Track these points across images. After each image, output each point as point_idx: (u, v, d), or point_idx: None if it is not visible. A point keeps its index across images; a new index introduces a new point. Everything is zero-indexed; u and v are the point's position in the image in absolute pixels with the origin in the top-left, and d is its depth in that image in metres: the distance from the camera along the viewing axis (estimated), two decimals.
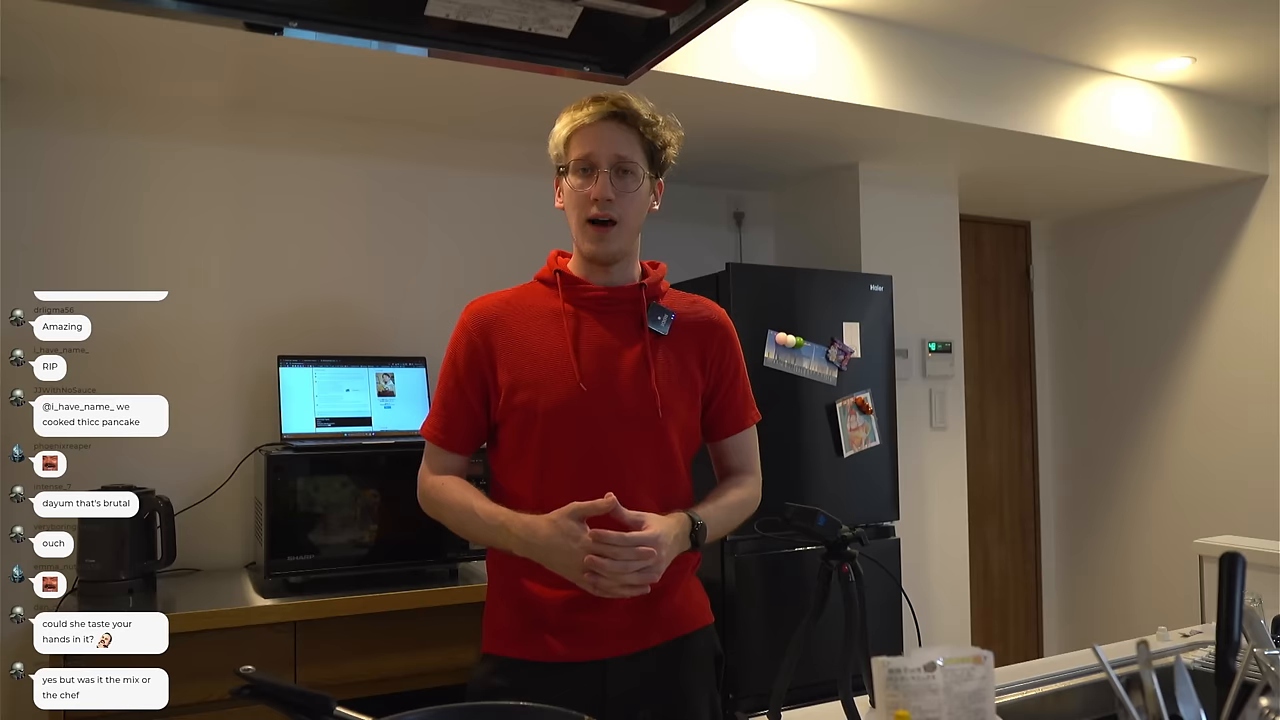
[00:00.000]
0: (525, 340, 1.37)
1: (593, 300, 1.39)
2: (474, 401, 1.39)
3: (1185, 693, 1.02)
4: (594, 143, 1.34)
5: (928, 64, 2.78)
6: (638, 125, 1.36)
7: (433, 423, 1.42)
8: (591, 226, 1.35)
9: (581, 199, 1.35)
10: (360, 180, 2.75)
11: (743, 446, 1.52)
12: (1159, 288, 4.00)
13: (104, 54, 2.21)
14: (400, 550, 2.25)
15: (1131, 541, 4.10)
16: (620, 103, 1.35)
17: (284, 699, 0.89)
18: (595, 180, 1.34)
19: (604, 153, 1.34)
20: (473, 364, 1.38)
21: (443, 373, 1.42)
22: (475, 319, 1.40)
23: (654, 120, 1.37)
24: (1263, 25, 2.76)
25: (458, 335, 1.41)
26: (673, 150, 1.41)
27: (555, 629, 1.34)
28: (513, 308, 1.41)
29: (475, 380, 1.39)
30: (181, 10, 1.15)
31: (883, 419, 2.91)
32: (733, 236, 3.64)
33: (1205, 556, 2.81)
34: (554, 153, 1.41)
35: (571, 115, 1.37)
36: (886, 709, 0.92)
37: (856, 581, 1.13)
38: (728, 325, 1.49)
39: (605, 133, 1.35)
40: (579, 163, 1.35)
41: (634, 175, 1.36)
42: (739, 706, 2.55)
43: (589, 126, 1.35)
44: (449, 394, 1.40)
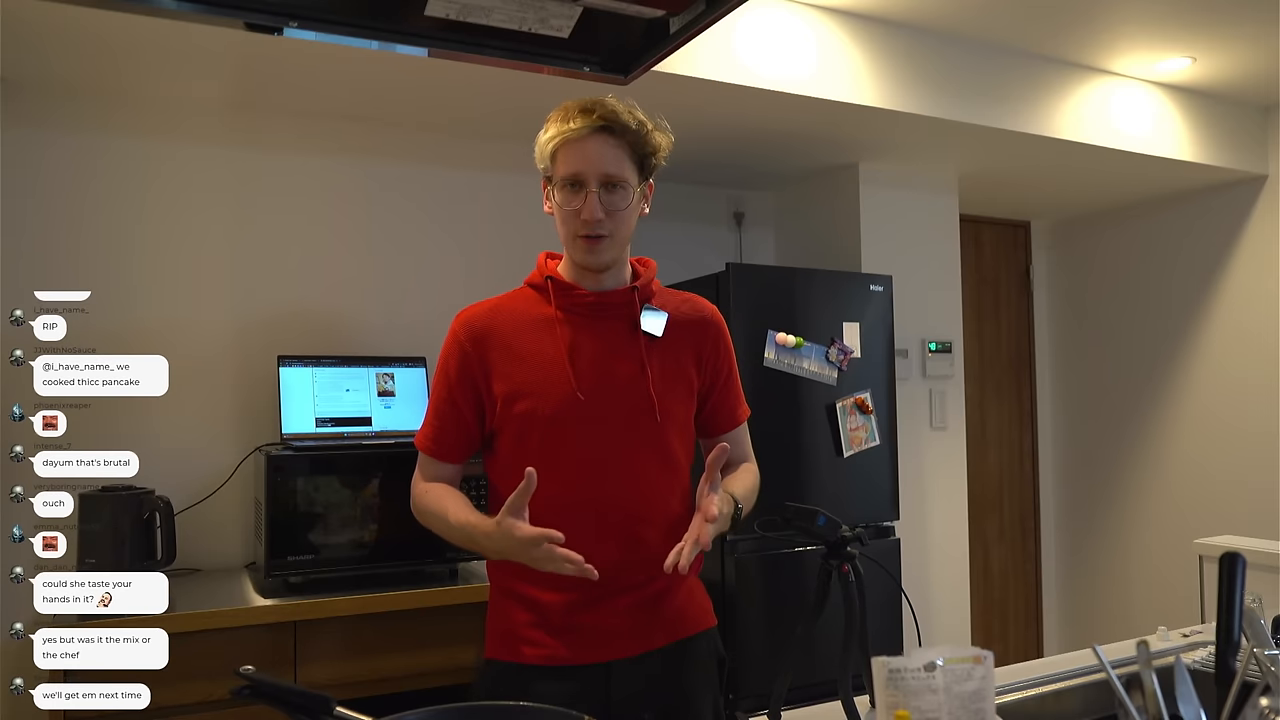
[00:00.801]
0: (519, 349, 1.36)
1: (585, 306, 1.38)
2: (466, 412, 1.38)
3: (1185, 693, 1.02)
4: (581, 160, 1.31)
5: (928, 64, 2.78)
6: (626, 136, 1.32)
7: (425, 433, 1.42)
8: (584, 240, 1.34)
9: (570, 215, 1.33)
10: (360, 180, 2.75)
11: (740, 441, 1.52)
12: (1159, 288, 4.00)
13: (104, 54, 2.21)
14: (400, 550, 2.24)
15: (1131, 541, 4.10)
16: (608, 116, 1.31)
17: (284, 699, 0.89)
18: (584, 199, 1.31)
19: (592, 171, 1.31)
20: (465, 374, 1.37)
21: (435, 383, 1.42)
22: (466, 329, 1.38)
23: (642, 129, 1.34)
24: (1263, 25, 2.76)
25: (449, 346, 1.40)
26: (663, 154, 1.38)
27: (558, 632, 1.34)
28: (504, 316, 1.39)
29: (468, 390, 1.37)
30: (181, 10, 1.15)
31: (883, 419, 2.91)
32: (733, 236, 3.64)
33: (1205, 556, 2.81)
34: (540, 161, 1.37)
35: (558, 126, 1.32)
36: (886, 709, 0.91)
37: (856, 581, 1.13)
38: (720, 322, 1.49)
39: (593, 149, 1.31)
40: (566, 179, 1.33)
41: (623, 190, 1.33)
42: (739, 707, 2.55)
43: (576, 142, 1.31)
44: (441, 404, 1.40)
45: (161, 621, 1.82)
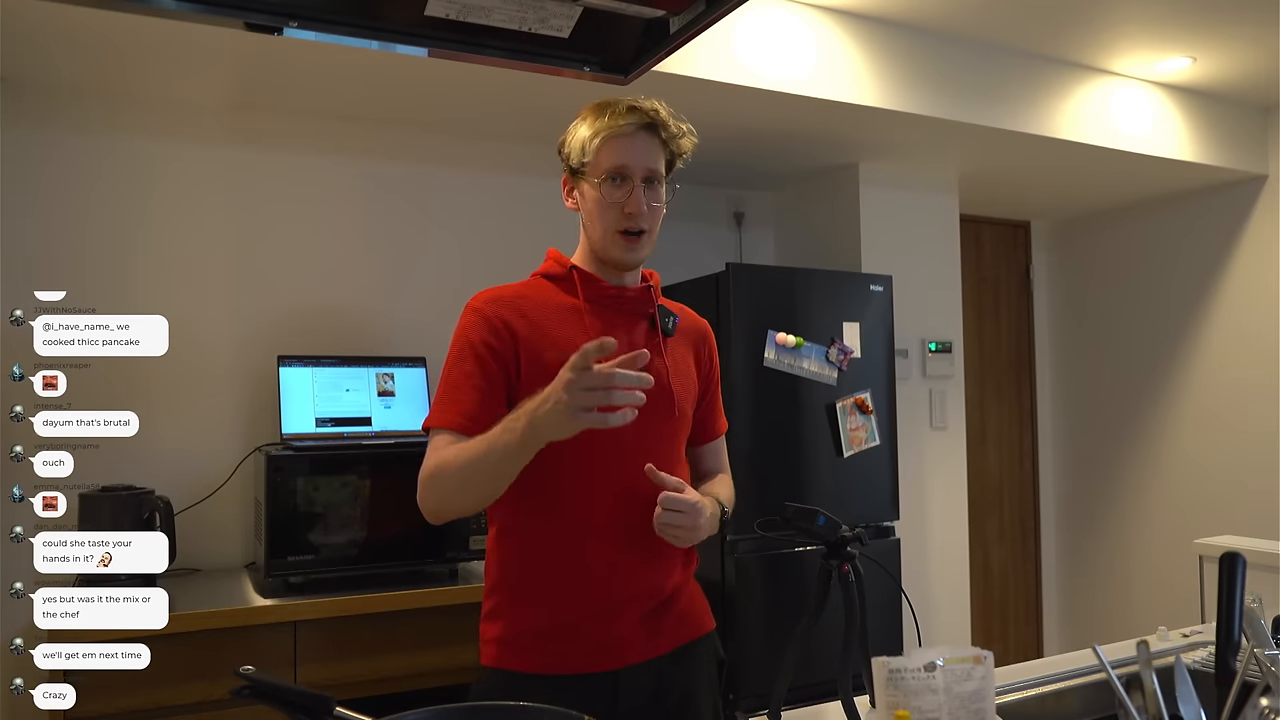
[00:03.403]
0: (549, 332, 1.33)
1: (609, 299, 1.39)
2: (498, 382, 1.30)
3: (1185, 693, 1.02)
4: (629, 154, 1.33)
5: (928, 64, 2.78)
6: (665, 137, 1.36)
7: (449, 409, 1.29)
8: (622, 236, 1.34)
9: (612, 209, 1.34)
10: (361, 180, 2.75)
11: (719, 451, 1.57)
12: (1159, 288, 4.00)
13: (105, 54, 2.21)
14: (400, 550, 2.25)
15: (1131, 541, 4.10)
16: (654, 114, 1.35)
17: (284, 699, 0.89)
18: (629, 192, 1.33)
19: (638, 165, 1.33)
20: (496, 345, 1.30)
21: (455, 359, 1.32)
22: (493, 304, 1.34)
23: (679, 132, 1.38)
24: (1263, 25, 2.76)
25: (472, 320, 1.33)
26: (687, 156, 1.42)
27: (566, 640, 1.32)
28: (527, 300, 1.37)
29: (498, 361, 1.30)
30: (181, 10, 1.15)
31: (883, 419, 2.91)
32: (733, 236, 3.64)
33: (1205, 556, 2.81)
34: (576, 156, 1.36)
35: (605, 121, 1.33)
36: (886, 709, 0.92)
37: (856, 581, 1.13)
38: (712, 335, 1.54)
39: (640, 144, 1.34)
40: (613, 172, 1.33)
41: (660, 187, 1.37)
42: (739, 707, 2.55)
43: (624, 137, 1.33)
44: (468, 378, 1.29)
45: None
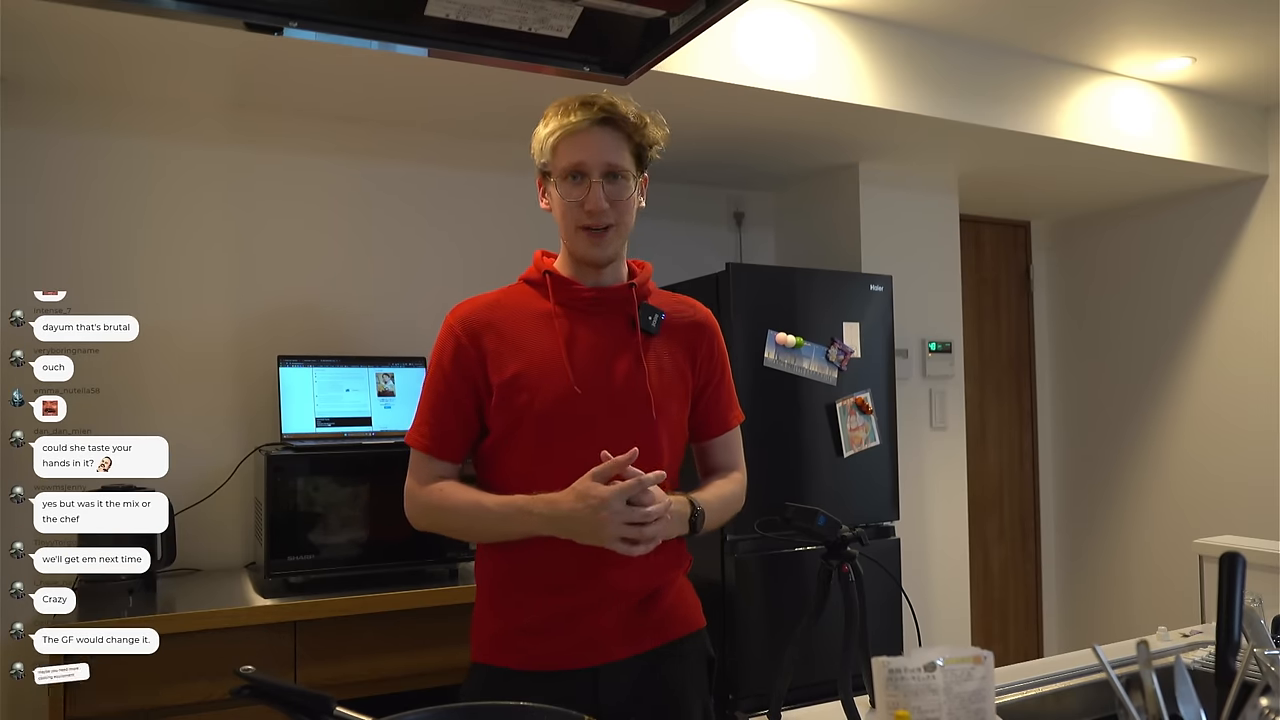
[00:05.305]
0: (516, 342, 1.34)
1: (583, 301, 1.37)
2: (466, 406, 1.35)
3: (1185, 693, 1.02)
4: (584, 150, 1.31)
5: (928, 64, 2.78)
6: (626, 129, 1.33)
7: (422, 431, 1.36)
8: (587, 233, 1.33)
9: (574, 207, 1.33)
10: (360, 180, 2.75)
11: (730, 445, 1.51)
12: (1159, 288, 4.00)
13: (105, 54, 2.21)
14: (400, 550, 2.24)
15: (1131, 541, 4.10)
16: (608, 107, 1.32)
17: (284, 699, 0.89)
18: (587, 189, 1.31)
19: (595, 161, 1.31)
20: (463, 368, 1.34)
21: (430, 380, 1.37)
22: (463, 323, 1.36)
23: (641, 122, 1.35)
24: (1263, 25, 2.76)
25: (444, 340, 1.37)
26: (659, 147, 1.39)
27: (547, 636, 1.32)
28: (501, 310, 1.38)
29: (466, 384, 1.34)
30: (181, 10, 1.15)
31: (883, 419, 2.91)
32: (733, 236, 3.64)
33: (1205, 556, 2.81)
34: (539, 156, 1.37)
35: (559, 120, 1.32)
36: (886, 709, 0.92)
37: (856, 581, 1.13)
38: (714, 326, 1.49)
39: (595, 139, 1.31)
40: (569, 170, 1.32)
41: (624, 180, 1.34)
42: (739, 706, 2.55)
43: (579, 133, 1.31)
44: (439, 399, 1.35)
45: (161, 622, 1.84)
